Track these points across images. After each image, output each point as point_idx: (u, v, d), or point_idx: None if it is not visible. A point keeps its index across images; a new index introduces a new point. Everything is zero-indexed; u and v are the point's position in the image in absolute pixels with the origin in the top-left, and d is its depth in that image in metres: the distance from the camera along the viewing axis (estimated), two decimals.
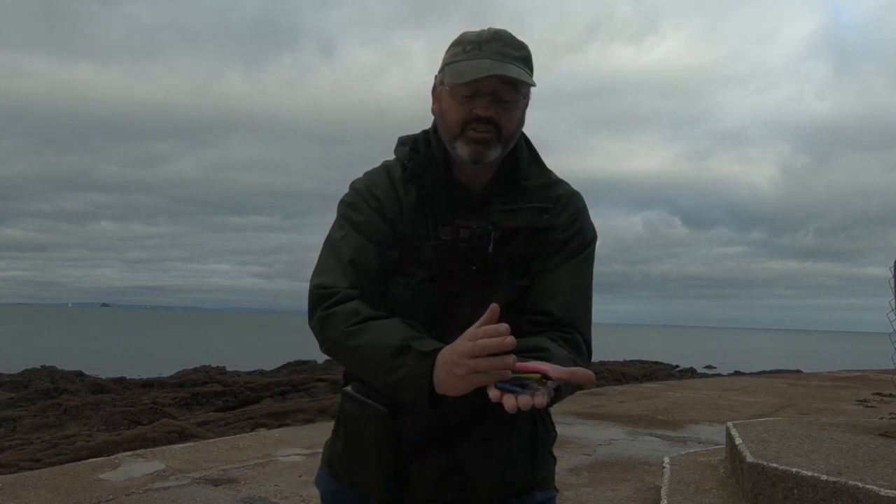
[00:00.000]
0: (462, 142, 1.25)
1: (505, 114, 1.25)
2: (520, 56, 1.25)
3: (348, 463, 1.38)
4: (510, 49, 1.25)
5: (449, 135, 1.28)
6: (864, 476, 3.13)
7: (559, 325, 1.24)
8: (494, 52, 1.23)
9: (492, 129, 1.24)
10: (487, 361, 1.00)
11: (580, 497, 4.25)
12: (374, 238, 1.29)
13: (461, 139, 1.25)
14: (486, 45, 1.25)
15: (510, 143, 1.28)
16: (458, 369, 1.04)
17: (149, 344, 43.04)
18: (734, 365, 26.90)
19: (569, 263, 1.30)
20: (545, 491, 1.39)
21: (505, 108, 1.25)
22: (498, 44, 1.25)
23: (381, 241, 1.29)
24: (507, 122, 1.26)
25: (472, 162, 1.26)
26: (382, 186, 1.33)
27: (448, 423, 1.29)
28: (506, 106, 1.25)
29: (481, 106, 1.23)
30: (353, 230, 1.31)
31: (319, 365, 18.41)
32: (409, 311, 1.27)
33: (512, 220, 1.28)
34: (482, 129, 1.24)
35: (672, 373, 20.93)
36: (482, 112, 1.23)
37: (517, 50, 1.25)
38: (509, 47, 1.25)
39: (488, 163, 1.27)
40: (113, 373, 15.71)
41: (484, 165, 1.27)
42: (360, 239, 1.29)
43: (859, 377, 13.62)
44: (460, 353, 1.04)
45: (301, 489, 4.21)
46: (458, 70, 1.24)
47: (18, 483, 4.20)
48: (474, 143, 1.24)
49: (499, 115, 1.24)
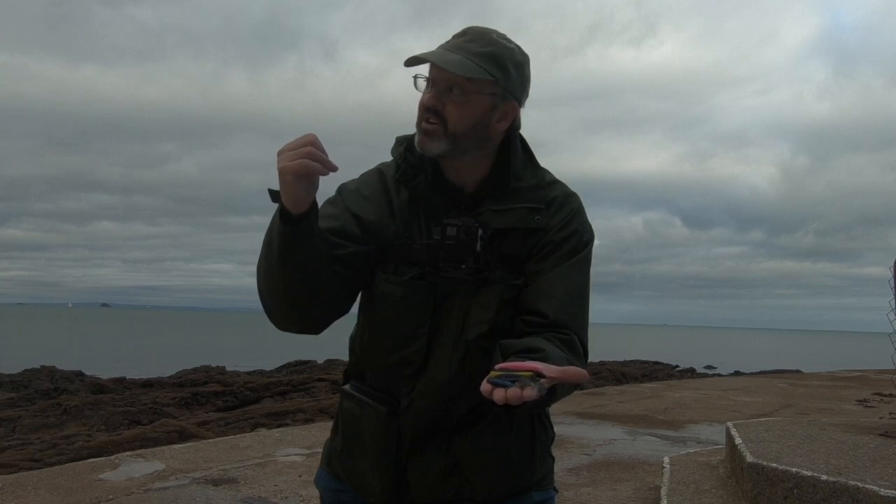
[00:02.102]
0: (418, 131, 1.27)
1: (452, 107, 1.24)
2: (482, 52, 1.23)
3: (347, 462, 1.38)
4: (471, 43, 1.24)
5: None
6: (864, 476, 3.13)
7: (555, 326, 1.24)
8: (455, 45, 1.24)
9: (437, 122, 1.24)
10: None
11: (580, 497, 4.25)
12: (335, 228, 1.27)
13: (420, 129, 1.27)
14: (455, 37, 1.26)
15: (460, 140, 1.25)
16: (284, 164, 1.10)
17: (149, 344, 43.05)
18: (734, 365, 26.92)
19: (565, 265, 1.29)
20: (544, 491, 1.39)
21: (451, 101, 1.24)
22: (463, 38, 1.25)
23: (344, 231, 1.28)
24: (454, 115, 1.24)
25: (420, 150, 1.27)
26: (372, 187, 1.33)
27: (447, 423, 1.29)
28: (451, 98, 1.24)
29: (427, 95, 1.25)
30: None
31: (319, 365, 18.43)
32: (401, 308, 1.28)
33: (502, 220, 1.27)
34: (431, 120, 1.25)
35: (672, 373, 20.94)
36: (425, 101, 1.25)
37: (482, 46, 1.23)
38: (473, 41, 1.24)
39: (433, 155, 1.27)
40: (113, 373, 15.71)
41: (429, 155, 1.27)
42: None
43: (859, 377, 13.62)
44: (281, 150, 1.12)
45: (301, 489, 4.21)
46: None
47: (18, 483, 4.20)
48: (422, 134, 1.26)
49: (444, 107, 1.24)
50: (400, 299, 1.28)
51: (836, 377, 13.93)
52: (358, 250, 1.27)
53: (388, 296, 1.29)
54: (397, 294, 1.28)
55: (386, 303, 1.29)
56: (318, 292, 1.22)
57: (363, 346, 1.36)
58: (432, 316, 1.27)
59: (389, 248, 1.29)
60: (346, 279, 1.26)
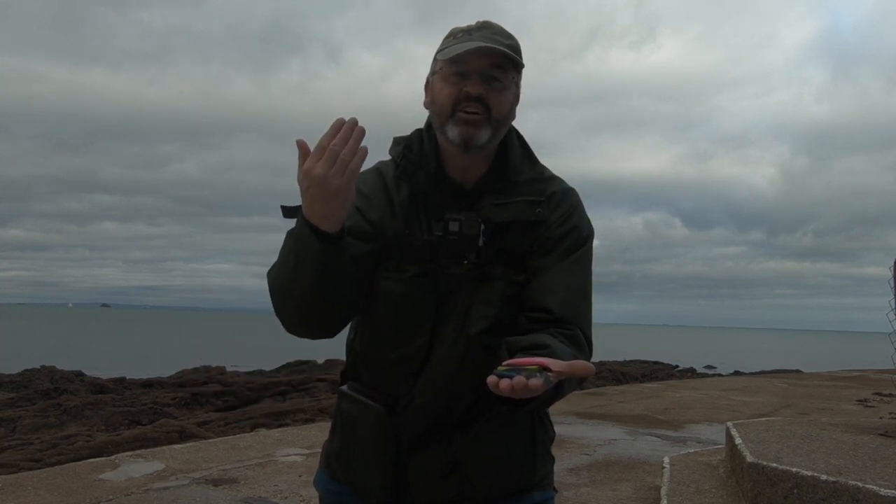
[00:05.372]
0: (452, 124, 1.25)
1: (495, 94, 1.25)
2: (508, 44, 1.26)
3: (346, 463, 1.38)
4: (499, 36, 1.26)
5: (440, 118, 1.28)
6: (864, 476, 3.13)
7: (560, 322, 1.24)
8: (484, 37, 1.25)
9: (482, 109, 1.24)
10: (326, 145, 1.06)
11: (580, 497, 4.25)
12: (349, 227, 1.26)
13: (451, 121, 1.25)
14: (476, 31, 1.27)
15: (501, 127, 1.28)
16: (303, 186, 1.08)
17: (149, 344, 43.04)
18: (734, 365, 26.93)
19: (567, 260, 1.30)
20: (544, 492, 1.39)
21: (495, 88, 1.25)
22: (488, 31, 1.27)
23: (357, 230, 1.28)
24: (498, 102, 1.26)
25: (463, 143, 1.25)
26: (371, 184, 1.33)
27: (448, 421, 1.29)
28: (496, 85, 1.25)
29: (471, 84, 1.24)
30: None
31: (319, 365, 18.43)
32: (401, 305, 1.28)
33: (503, 214, 1.28)
34: (472, 110, 1.24)
35: (672, 373, 20.95)
36: (472, 90, 1.24)
37: (506, 38, 1.27)
38: (498, 35, 1.27)
39: (479, 145, 1.26)
40: (113, 373, 15.70)
41: (475, 149, 1.26)
42: None
43: (859, 377, 13.61)
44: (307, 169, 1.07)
45: (301, 489, 4.21)
46: (447, 52, 1.26)
47: (18, 483, 4.20)
48: (464, 125, 1.24)
49: (489, 95, 1.24)
50: (401, 297, 1.28)
51: (836, 377, 13.92)
52: (372, 249, 1.27)
53: (390, 293, 1.28)
54: (399, 291, 1.28)
55: (387, 300, 1.29)
56: (341, 303, 1.23)
57: (364, 344, 1.36)
58: (434, 313, 1.27)
59: (390, 245, 1.29)
60: (359, 281, 1.26)
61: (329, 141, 1.07)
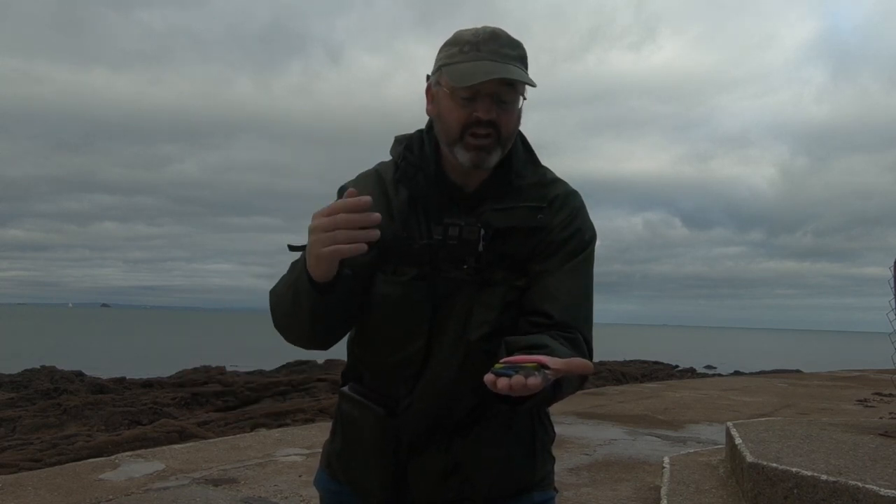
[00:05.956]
0: (461, 148, 1.24)
1: (504, 115, 1.24)
2: (517, 55, 1.24)
3: (346, 463, 1.38)
4: (507, 49, 1.23)
5: (448, 138, 1.26)
6: (864, 476, 3.13)
7: (560, 327, 1.23)
8: (493, 52, 1.22)
9: (492, 133, 1.23)
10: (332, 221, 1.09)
11: (580, 497, 4.25)
12: None
13: (460, 145, 1.24)
14: (484, 45, 1.23)
15: (508, 143, 1.28)
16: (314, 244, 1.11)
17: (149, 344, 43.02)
18: (734, 365, 26.93)
19: (568, 265, 1.29)
20: (544, 492, 1.39)
21: (504, 110, 1.24)
22: (496, 43, 1.23)
23: None
24: (507, 122, 1.25)
25: (473, 167, 1.25)
26: (370, 188, 1.32)
27: (447, 423, 1.29)
28: (505, 107, 1.24)
29: (482, 109, 1.22)
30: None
31: (319, 365, 18.41)
32: (399, 309, 1.27)
33: (505, 220, 1.27)
34: (482, 134, 1.22)
35: (672, 373, 20.95)
36: (484, 115, 1.22)
37: (514, 49, 1.24)
38: (507, 47, 1.24)
39: (489, 167, 1.26)
40: (113, 373, 15.70)
41: (484, 169, 1.27)
42: None
43: (859, 377, 13.61)
44: (313, 227, 1.11)
45: (301, 489, 4.21)
46: (458, 72, 1.22)
47: (18, 483, 4.20)
48: (475, 150, 1.23)
49: (499, 117, 1.23)
50: (399, 300, 1.27)
51: (836, 377, 13.92)
52: (370, 259, 1.25)
53: (388, 296, 1.28)
54: (397, 294, 1.27)
55: (385, 303, 1.28)
56: (338, 331, 1.31)
57: (362, 347, 1.36)
58: (432, 317, 1.26)
59: (388, 248, 1.27)
60: (357, 290, 1.26)
61: (342, 212, 1.10)
